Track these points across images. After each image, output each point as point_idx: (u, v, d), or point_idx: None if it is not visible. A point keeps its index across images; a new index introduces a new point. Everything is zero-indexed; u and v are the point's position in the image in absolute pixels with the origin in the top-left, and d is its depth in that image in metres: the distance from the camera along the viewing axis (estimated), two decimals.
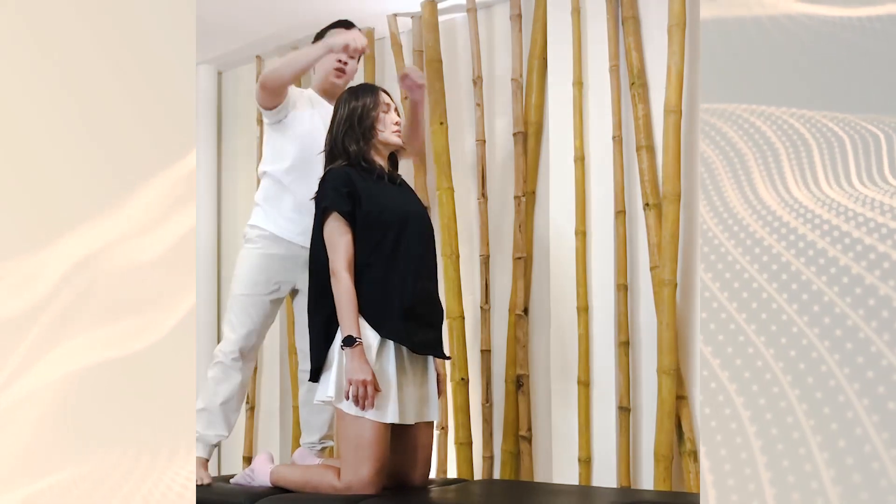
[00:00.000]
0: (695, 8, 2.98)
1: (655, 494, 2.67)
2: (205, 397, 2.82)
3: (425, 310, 2.55)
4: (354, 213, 2.49)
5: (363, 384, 2.37)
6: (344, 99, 2.65)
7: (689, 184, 2.96)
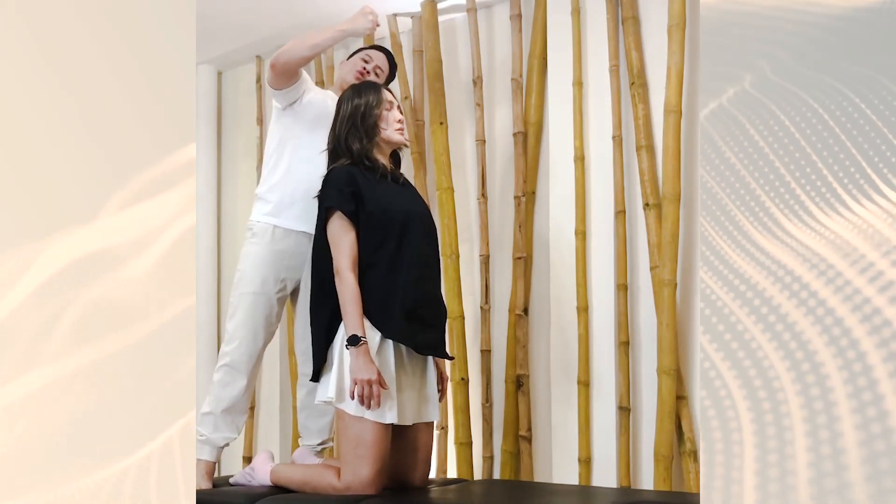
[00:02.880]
0: (695, 8, 2.98)
1: (655, 494, 2.67)
2: (211, 401, 2.78)
3: (428, 310, 2.55)
4: (358, 213, 2.49)
5: (369, 383, 2.37)
6: (347, 97, 2.64)
7: (689, 184, 2.96)
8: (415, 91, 3.65)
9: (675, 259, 2.90)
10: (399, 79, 3.65)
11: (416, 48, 3.65)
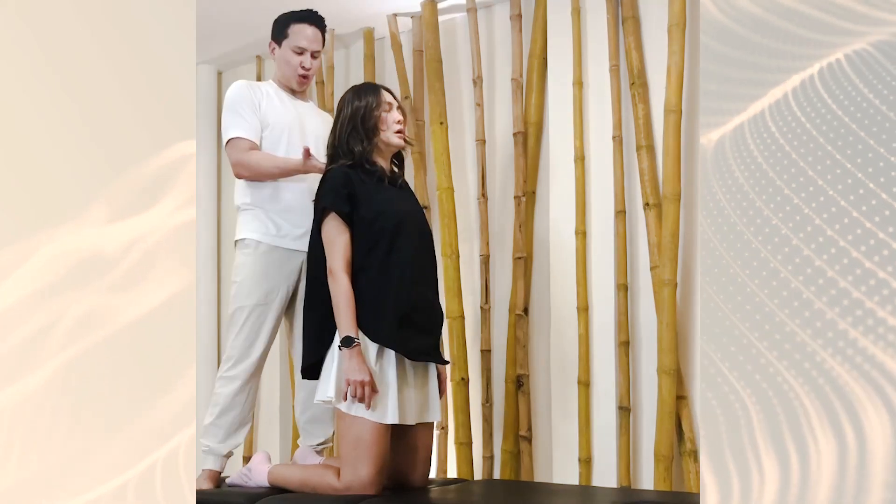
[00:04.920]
0: (695, 8, 2.98)
1: (655, 494, 2.67)
2: (213, 412, 2.78)
3: (422, 316, 2.54)
4: (353, 215, 2.49)
5: (361, 385, 2.37)
6: (347, 99, 2.63)
7: (689, 184, 2.96)
8: (415, 91, 3.65)
9: (675, 259, 2.90)
10: (399, 79, 3.65)
11: (416, 48, 3.65)
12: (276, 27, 2.92)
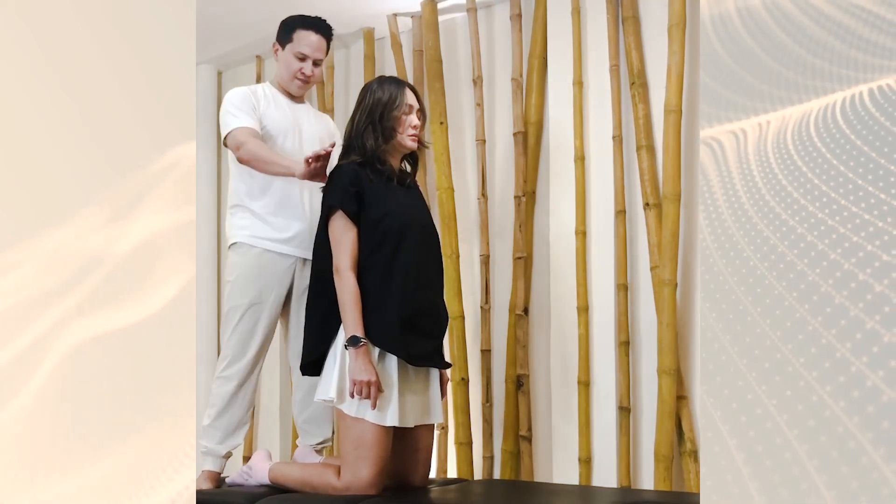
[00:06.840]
0: (695, 8, 2.98)
1: (655, 494, 2.67)
2: (211, 413, 2.78)
3: (425, 320, 2.53)
4: (359, 215, 2.49)
5: (367, 385, 2.37)
6: (372, 89, 2.59)
7: (689, 184, 2.96)
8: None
9: (676, 259, 2.90)
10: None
11: (416, 48, 3.65)
12: (283, 29, 2.91)
